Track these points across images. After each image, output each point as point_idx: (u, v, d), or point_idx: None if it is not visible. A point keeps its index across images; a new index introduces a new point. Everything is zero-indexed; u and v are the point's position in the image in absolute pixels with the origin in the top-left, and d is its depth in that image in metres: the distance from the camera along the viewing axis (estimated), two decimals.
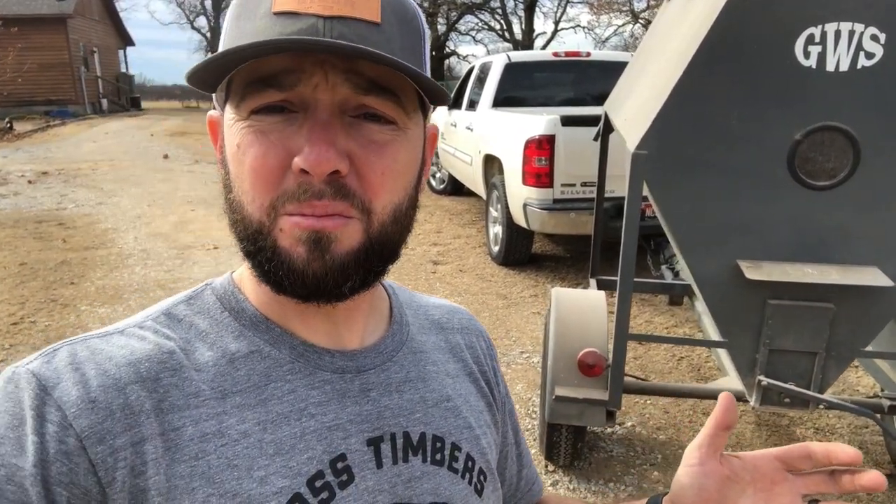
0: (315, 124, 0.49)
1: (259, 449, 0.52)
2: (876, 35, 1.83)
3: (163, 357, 0.53)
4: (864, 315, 2.09)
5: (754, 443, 2.94)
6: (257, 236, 0.52)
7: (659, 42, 2.81)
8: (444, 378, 0.66)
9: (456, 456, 0.62)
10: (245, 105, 0.51)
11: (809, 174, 1.99)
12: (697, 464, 0.59)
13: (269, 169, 0.50)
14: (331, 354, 0.59)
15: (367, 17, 0.51)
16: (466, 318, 0.76)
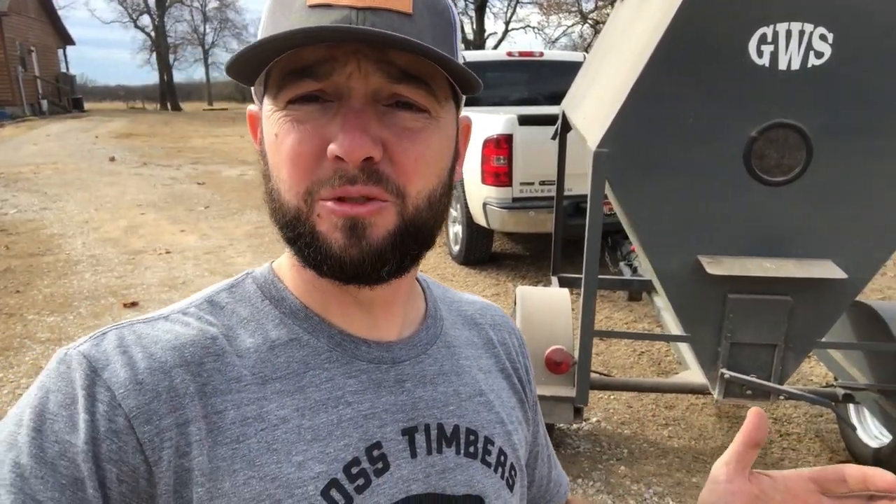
0: (349, 112, 0.51)
1: (297, 434, 0.53)
2: (824, 35, 1.89)
3: (206, 342, 0.54)
4: (819, 307, 2.15)
5: (716, 434, 3.00)
6: (296, 223, 0.53)
7: (615, 42, 2.85)
8: (476, 373, 0.67)
9: (489, 450, 0.63)
10: (282, 95, 0.52)
11: (765, 170, 2.04)
12: (725, 481, 0.57)
13: (304, 157, 0.51)
14: (367, 344, 0.60)
15: (399, 7, 0.51)
16: (500, 315, 0.77)
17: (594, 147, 2.08)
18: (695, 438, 2.97)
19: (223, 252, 5.83)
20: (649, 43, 2.06)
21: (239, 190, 9.06)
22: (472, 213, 5.17)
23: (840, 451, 2.87)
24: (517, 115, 4.70)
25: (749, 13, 1.90)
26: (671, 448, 2.89)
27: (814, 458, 2.84)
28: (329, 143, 0.50)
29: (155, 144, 15.03)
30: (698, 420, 3.13)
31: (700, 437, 2.98)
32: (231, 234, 6.50)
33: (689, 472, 2.70)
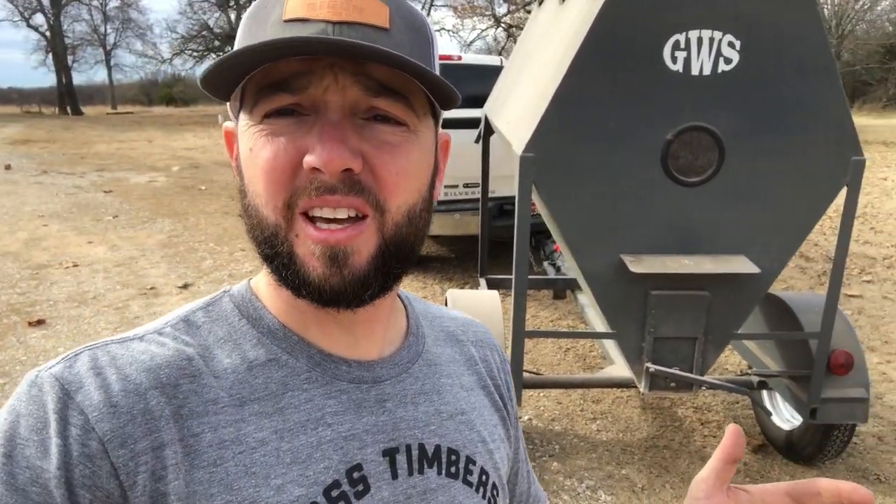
0: (326, 124, 0.50)
1: (276, 457, 0.52)
2: (732, 42, 1.99)
3: (182, 363, 0.53)
4: (735, 300, 2.27)
5: (642, 426, 3.11)
6: (273, 240, 0.52)
7: (534, 47, 2.90)
8: (458, 391, 0.66)
9: (470, 469, 0.62)
10: (258, 110, 0.52)
11: (681, 172, 2.13)
12: (703, 497, 0.57)
13: (280, 169, 0.51)
14: (348, 364, 0.59)
15: (376, 22, 0.52)
16: (482, 331, 0.76)
17: (520, 151, 2.11)
18: (622, 431, 3.06)
19: (135, 263, 5.57)
20: (569, 49, 2.11)
21: (149, 198, 8.67)
22: None
23: (756, 436, 3.03)
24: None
25: (664, 20, 1.98)
26: (600, 441, 2.97)
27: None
28: (305, 156, 0.50)
29: (55, 151, 14.21)
30: (624, 413, 3.23)
31: (627, 430, 3.07)
32: (143, 245, 6.22)
33: (618, 465, 2.78)
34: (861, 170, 2.09)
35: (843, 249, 2.24)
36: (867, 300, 4.87)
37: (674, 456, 2.86)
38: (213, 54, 29.92)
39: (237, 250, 6.10)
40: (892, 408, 3.33)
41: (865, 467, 2.81)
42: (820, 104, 2.03)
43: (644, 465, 2.79)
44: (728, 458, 0.57)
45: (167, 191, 9.27)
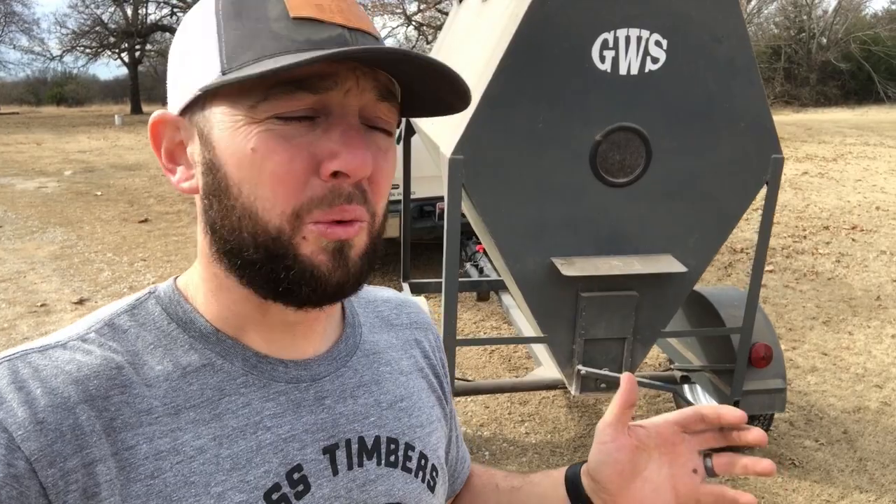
0: (349, 128, 0.50)
1: (215, 465, 0.51)
2: (659, 41, 1.99)
3: (111, 373, 0.51)
4: (663, 299, 2.28)
5: (569, 425, 3.10)
6: (273, 244, 0.50)
7: (458, 46, 2.83)
8: (397, 377, 0.66)
9: (409, 456, 0.63)
10: (265, 107, 0.49)
11: (609, 172, 2.11)
12: (610, 440, 0.64)
13: (295, 176, 0.49)
14: (284, 365, 0.58)
15: (372, 31, 0.53)
16: (416, 311, 0.76)
17: (449, 154, 2.03)
18: (550, 432, 3.05)
19: (23, 278, 5.10)
20: (497, 48, 2.05)
21: (38, 205, 8.03)
22: None
23: None
24: None
25: (592, 19, 1.95)
26: (529, 444, 2.94)
27: None
28: (319, 161, 0.49)
29: None
30: (551, 413, 3.22)
31: (555, 430, 3.06)
32: (32, 257, 5.72)
33: (548, 467, 2.76)
34: (780, 167, 2.15)
35: (764, 245, 2.30)
36: (770, 289, 5.12)
37: None
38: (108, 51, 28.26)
39: (137, 260, 5.72)
40: (799, 393, 3.49)
41: (781, 453, 2.92)
42: (742, 103, 2.07)
43: None
44: (626, 403, 0.64)
45: (59, 197, 8.62)
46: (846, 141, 14.39)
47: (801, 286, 5.20)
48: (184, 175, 0.55)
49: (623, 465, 0.64)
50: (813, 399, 3.42)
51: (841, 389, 3.52)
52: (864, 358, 3.91)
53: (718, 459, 0.64)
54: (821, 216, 7.53)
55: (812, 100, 26.62)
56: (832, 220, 7.31)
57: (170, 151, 0.55)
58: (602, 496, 0.66)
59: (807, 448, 2.96)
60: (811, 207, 7.97)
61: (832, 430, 3.12)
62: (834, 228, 6.97)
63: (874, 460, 2.87)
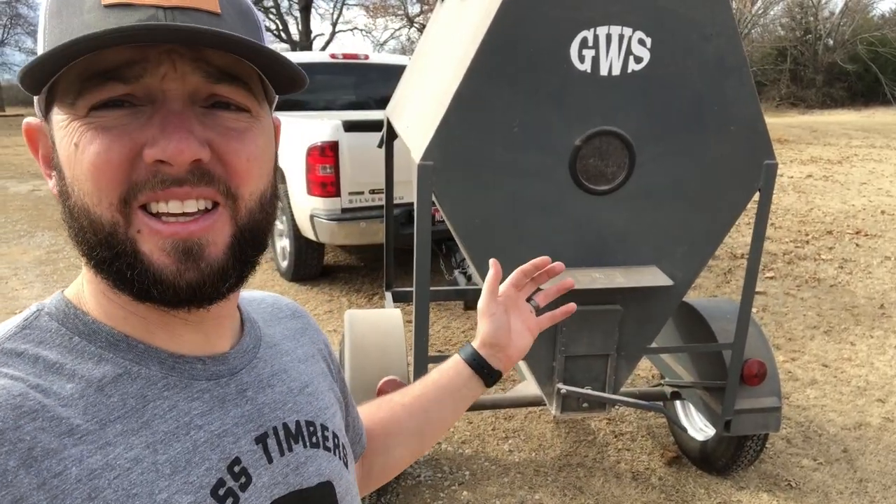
0: (168, 114, 0.48)
1: (155, 472, 0.50)
2: (643, 39, 1.85)
3: (16, 401, 0.47)
4: (648, 313, 2.14)
5: (555, 443, 2.97)
6: (111, 240, 0.49)
7: (435, 46, 2.71)
8: (298, 365, 0.69)
9: (326, 436, 0.66)
10: (82, 102, 0.48)
11: (590, 179, 1.98)
12: (495, 311, 0.88)
13: (114, 164, 0.48)
14: (202, 362, 0.57)
15: (208, 7, 0.50)
16: (289, 303, 0.79)
17: (418, 159, 1.90)
18: (535, 450, 2.91)
19: (5, 284, 4.99)
20: (469, 48, 1.92)
21: (29, 209, 7.92)
22: (299, 226, 4.85)
23: (670, 446, 2.95)
24: (342, 121, 4.45)
25: (570, 15, 1.82)
26: (512, 463, 2.80)
27: (647, 455, 2.89)
28: (142, 148, 0.48)
29: None
30: (537, 429, 3.08)
31: (540, 448, 2.93)
32: (16, 262, 5.62)
33: (531, 489, 2.62)
34: (774, 173, 2.01)
35: (757, 255, 2.16)
36: (770, 297, 4.97)
37: (588, 474, 2.73)
38: None
39: None
40: (798, 407, 3.34)
41: (776, 473, 2.78)
42: (732, 106, 1.93)
43: (557, 486, 2.64)
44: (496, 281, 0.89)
45: (51, 200, 8.50)
46: (852, 143, 14.19)
47: (803, 293, 5.05)
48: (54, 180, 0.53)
49: (506, 325, 0.88)
50: (812, 414, 3.27)
51: (841, 404, 3.37)
52: (866, 370, 3.76)
53: (538, 296, 0.95)
54: (824, 220, 7.36)
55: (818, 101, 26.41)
56: (836, 225, 7.15)
57: (46, 157, 0.54)
58: (497, 355, 0.89)
59: (804, 468, 2.82)
60: (814, 211, 7.80)
61: (831, 448, 2.97)
62: (837, 233, 6.81)
63: (875, 481, 2.72)
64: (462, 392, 0.88)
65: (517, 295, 0.91)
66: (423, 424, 0.87)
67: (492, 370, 0.89)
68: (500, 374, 0.90)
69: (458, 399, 0.88)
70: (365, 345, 2.32)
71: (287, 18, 27.26)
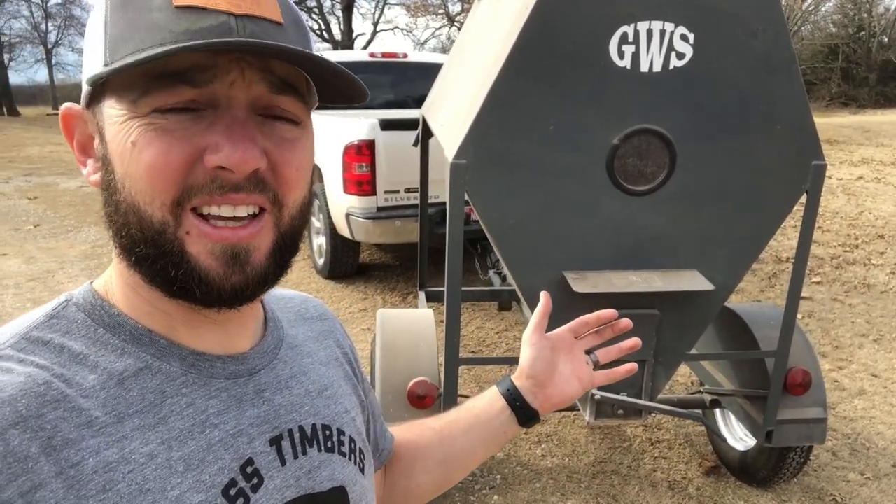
0: (234, 122, 0.49)
1: (168, 468, 0.50)
2: (685, 35, 1.79)
3: (40, 390, 0.48)
4: (687, 319, 2.07)
5: (589, 449, 2.90)
6: (159, 239, 0.50)
7: (471, 44, 2.67)
8: (319, 367, 0.68)
9: (342, 440, 0.65)
10: (147, 101, 0.48)
11: (628, 179, 1.92)
12: (537, 342, 0.84)
13: (172, 167, 0.49)
14: (222, 361, 0.58)
15: (272, 16, 0.51)
16: (319, 304, 0.79)
17: (451, 157, 1.87)
18: (568, 455, 2.85)
19: (52, 278, 5.14)
20: (505, 44, 1.88)
21: (77, 204, 8.14)
22: (335, 224, 4.87)
23: (709, 456, 2.86)
24: (379, 120, 4.45)
25: (610, 10, 1.76)
26: (545, 469, 2.75)
27: (684, 464, 2.81)
28: (203, 153, 0.49)
29: None
30: (571, 434, 3.03)
31: (573, 454, 2.87)
32: (63, 256, 5.77)
33: (563, 496, 2.57)
34: (822, 174, 1.92)
35: (803, 259, 2.07)
36: (817, 303, 4.80)
37: (623, 482, 2.67)
38: None
39: None
40: (844, 419, 3.21)
41: (821, 487, 2.67)
42: (780, 104, 1.85)
43: (591, 494, 2.58)
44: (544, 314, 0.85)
45: (98, 196, 8.74)
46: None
47: (851, 299, 4.86)
48: (92, 168, 0.54)
49: (548, 359, 0.83)
50: (859, 426, 3.14)
51: (891, 416, 3.23)
52: None
53: (600, 353, 0.88)
54: (875, 224, 7.09)
55: (871, 101, 25.55)
56: (888, 229, 6.87)
57: (81, 144, 0.55)
58: (535, 391, 0.83)
59: (851, 482, 2.70)
60: (865, 214, 7.52)
61: (880, 462, 2.84)
62: (889, 237, 6.55)
63: None
64: (494, 424, 0.83)
65: (572, 341, 0.86)
66: (450, 453, 0.84)
67: (526, 406, 0.83)
68: (536, 413, 0.83)
69: (489, 431, 0.83)
70: (396, 345, 2.30)
71: (329, 18, 27.56)
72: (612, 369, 0.88)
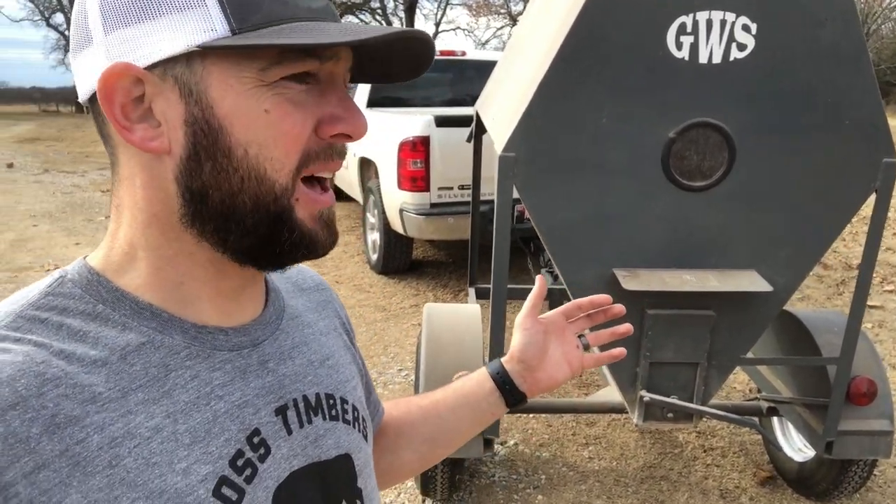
0: (344, 96, 0.54)
1: (175, 441, 0.50)
2: (747, 25, 1.72)
3: (39, 368, 0.47)
4: (744, 321, 1.99)
5: (638, 453, 2.83)
6: (274, 205, 0.52)
7: (524, 38, 2.64)
8: (319, 337, 0.69)
9: (345, 409, 0.66)
10: (276, 70, 0.51)
11: (685, 174, 1.86)
12: (531, 326, 0.84)
13: (302, 136, 0.52)
14: (224, 332, 0.58)
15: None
16: (314, 275, 0.79)
17: (500, 150, 1.85)
18: (616, 459, 2.79)
19: None
20: (558, 35, 1.84)
21: None
22: (389, 220, 4.90)
23: (764, 465, 2.75)
24: (434, 117, 4.46)
25: (667, 0, 1.71)
26: (591, 471, 2.70)
27: (738, 473, 2.71)
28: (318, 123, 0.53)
29: (61, 150, 14.10)
30: (620, 437, 2.96)
31: (621, 457, 2.80)
32: None
33: (609, 499, 2.51)
34: (893, 173, 1.81)
35: (870, 265, 1.97)
36: (888, 312, 4.56)
37: (672, 489, 2.59)
38: None
39: None
40: None
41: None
42: (848, 98, 1.76)
43: (638, 499, 2.51)
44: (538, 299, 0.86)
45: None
46: None
47: None
48: (148, 134, 0.51)
49: (540, 344, 0.84)
50: None
51: None
52: None
53: (590, 335, 0.88)
54: None
55: None
56: None
57: (125, 107, 0.51)
58: (524, 375, 0.84)
59: None
60: None
61: None
62: None
63: None
64: (482, 406, 0.84)
65: (565, 324, 0.87)
66: (436, 431, 0.85)
67: (514, 389, 0.84)
68: (523, 396, 0.85)
69: (476, 412, 0.85)
70: (441, 338, 2.30)
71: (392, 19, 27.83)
72: (601, 353, 0.88)
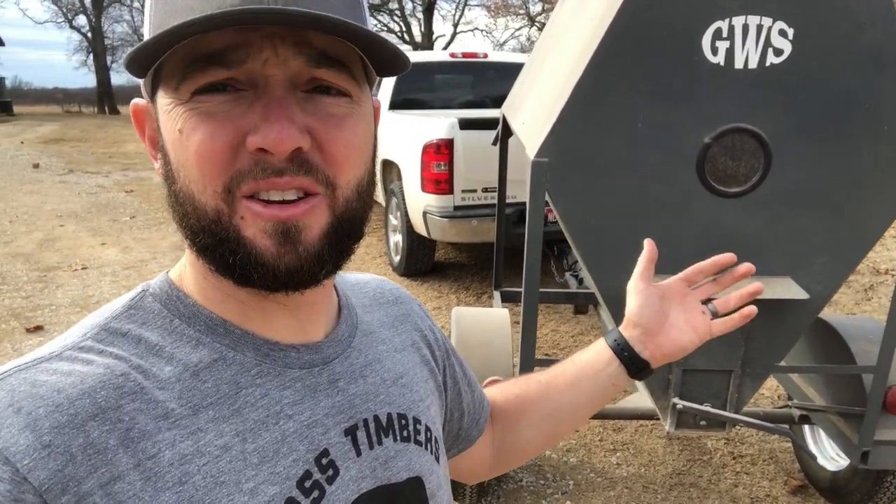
0: (270, 101, 0.47)
1: (243, 460, 0.50)
2: (784, 30, 1.70)
3: (118, 381, 0.48)
4: (779, 329, 1.97)
5: (666, 459, 2.81)
6: (215, 227, 0.49)
7: (555, 41, 2.63)
8: (394, 355, 0.67)
9: (418, 429, 0.64)
10: (185, 86, 0.48)
11: (720, 180, 1.84)
12: (644, 289, 0.80)
13: (218, 151, 0.48)
14: (296, 350, 0.57)
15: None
16: (395, 287, 0.77)
17: (533, 156, 1.85)
18: (644, 465, 2.77)
19: (145, 267, 5.41)
20: (592, 40, 1.84)
21: None
22: (412, 222, 4.91)
23: (795, 474, 2.71)
24: (458, 119, 4.46)
25: (703, 4, 1.70)
26: (619, 477, 2.68)
27: (768, 481, 2.68)
28: (245, 135, 0.47)
29: (85, 150, 14.28)
30: (648, 444, 2.94)
31: (650, 464, 2.78)
32: (156, 247, 6.07)
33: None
34: None
35: None
36: None
37: (701, 496, 2.57)
38: None
39: None
40: None
41: None
42: (888, 104, 1.73)
43: None
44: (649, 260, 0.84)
45: None
46: None
47: None
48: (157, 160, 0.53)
49: (657, 307, 0.79)
50: None
51: None
52: None
53: (718, 302, 0.83)
54: None
55: None
56: None
57: (152, 138, 0.54)
58: (644, 340, 0.79)
59: None
60: None
61: None
62: None
63: None
64: (601, 377, 0.79)
65: (686, 290, 0.82)
66: (556, 407, 0.81)
67: (635, 356, 0.79)
68: (646, 364, 0.79)
69: (596, 384, 0.80)
70: (470, 342, 2.30)
71: (410, 20, 27.89)
72: (730, 316, 0.81)
